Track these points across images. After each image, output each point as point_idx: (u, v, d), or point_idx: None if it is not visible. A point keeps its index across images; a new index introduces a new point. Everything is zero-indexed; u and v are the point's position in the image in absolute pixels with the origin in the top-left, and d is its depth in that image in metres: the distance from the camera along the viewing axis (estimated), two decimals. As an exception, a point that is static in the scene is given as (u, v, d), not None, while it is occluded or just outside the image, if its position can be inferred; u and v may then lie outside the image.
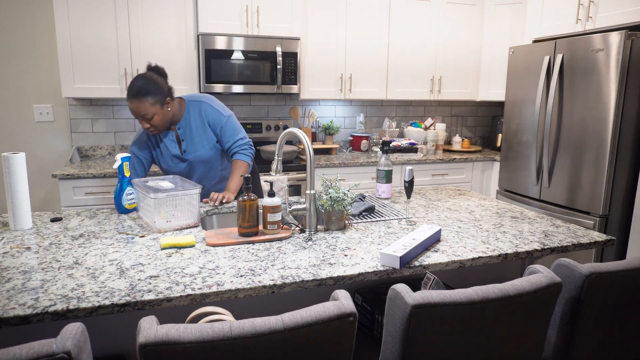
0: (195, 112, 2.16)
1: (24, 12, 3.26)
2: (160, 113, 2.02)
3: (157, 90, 1.99)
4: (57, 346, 0.81)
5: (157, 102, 2.00)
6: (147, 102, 1.97)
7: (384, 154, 2.20)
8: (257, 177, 2.50)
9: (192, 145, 2.16)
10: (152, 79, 2.01)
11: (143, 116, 1.99)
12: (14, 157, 1.68)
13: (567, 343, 1.30)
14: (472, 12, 3.98)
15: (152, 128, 2.04)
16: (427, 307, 1.03)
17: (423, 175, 3.77)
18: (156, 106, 2.00)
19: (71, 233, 1.68)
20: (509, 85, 3.45)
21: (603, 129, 2.74)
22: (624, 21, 2.78)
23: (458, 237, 1.67)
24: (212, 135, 2.17)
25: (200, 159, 2.18)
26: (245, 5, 3.30)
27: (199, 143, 2.16)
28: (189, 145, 2.16)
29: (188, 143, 2.16)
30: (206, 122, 2.16)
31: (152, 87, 1.98)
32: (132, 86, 1.97)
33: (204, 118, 2.16)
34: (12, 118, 3.35)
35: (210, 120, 2.16)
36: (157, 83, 2.01)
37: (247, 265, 1.39)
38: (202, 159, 2.18)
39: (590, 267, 1.24)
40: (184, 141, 2.16)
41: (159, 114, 2.01)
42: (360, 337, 1.57)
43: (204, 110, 2.16)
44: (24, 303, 1.13)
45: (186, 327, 0.89)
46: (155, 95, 1.99)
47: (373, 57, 3.76)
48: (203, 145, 2.16)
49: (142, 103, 1.96)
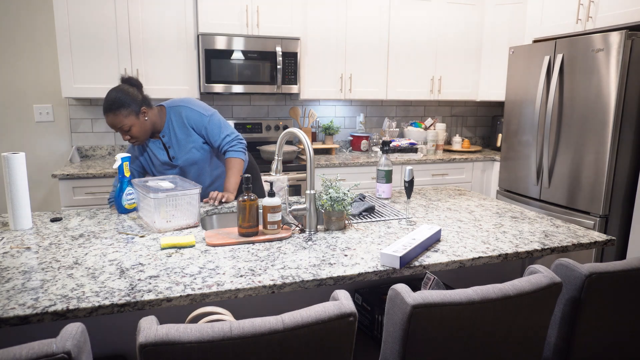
0: (176, 118, 2.16)
1: (24, 12, 3.26)
2: (137, 124, 2.02)
3: (130, 101, 2.00)
4: (57, 346, 0.81)
5: (131, 113, 2.00)
6: (120, 115, 1.98)
7: (384, 154, 2.20)
8: (258, 174, 2.50)
9: (179, 151, 2.17)
10: (124, 90, 2.01)
11: (120, 128, 2.00)
12: (14, 157, 1.68)
13: (567, 343, 1.30)
14: (472, 12, 3.98)
15: (133, 139, 2.05)
16: (427, 307, 1.03)
17: (423, 175, 3.77)
18: (131, 117, 2.00)
19: (71, 233, 1.68)
20: (509, 85, 3.45)
21: (603, 129, 2.74)
22: (624, 21, 2.78)
23: (458, 237, 1.67)
24: (197, 137, 2.17)
25: (189, 162, 2.19)
26: (245, 5, 3.30)
27: (185, 147, 2.16)
28: (177, 152, 2.17)
29: (175, 149, 2.17)
30: (189, 125, 2.16)
31: (125, 98, 1.99)
32: (106, 100, 1.98)
33: (185, 122, 2.15)
34: (12, 118, 3.35)
35: (192, 123, 2.16)
36: (130, 94, 2.01)
37: (247, 265, 1.39)
38: (191, 162, 2.19)
39: (590, 267, 1.24)
40: (170, 148, 2.16)
41: (136, 125, 2.02)
42: (360, 337, 1.57)
43: (184, 115, 2.16)
44: (24, 303, 1.13)
45: (186, 327, 0.89)
46: (128, 106, 1.99)
47: (373, 57, 3.76)
48: (190, 149, 2.17)
49: (117, 116, 1.97)
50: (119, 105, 1.97)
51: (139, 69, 3.19)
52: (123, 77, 2.11)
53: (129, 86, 2.06)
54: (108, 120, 1.99)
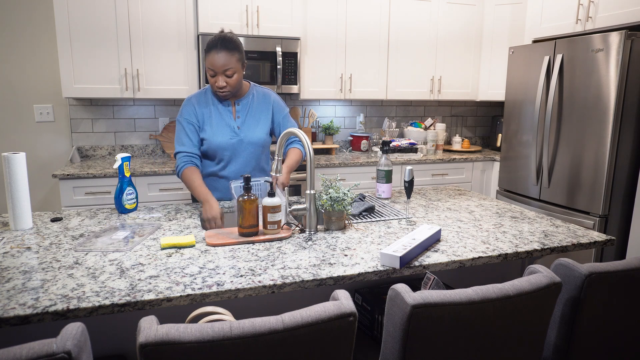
0: (260, 95, 2.15)
1: (24, 12, 3.26)
2: (239, 73, 2.00)
3: (242, 50, 2.00)
4: (57, 346, 0.81)
5: (240, 60, 1.99)
6: (234, 57, 1.95)
7: (384, 154, 2.20)
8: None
9: (246, 124, 2.11)
10: (238, 39, 2.00)
11: (225, 71, 1.95)
12: (14, 157, 1.68)
13: (567, 343, 1.30)
14: (472, 12, 3.99)
15: (228, 87, 1.99)
16: (427, 307, 1.03)
17: (423, 175, 3.77)
18: (239, 64, 1.99)
19: (71, 233, 1.68)
20: (508, 85, 3.45)
21: (603, 129, 2.74)
22: (624, 21, 2.78)
23: (458, 237, 1.67)
24: (269, 120, 2.15)
25: (250, 139, 2.10)
26: (245, 5, 3.30)
27: (254, 123, 2.12)
28: (243, 124, 2.10)
29: (243, 121, 2.10)
30: (271, 105, 2.15)
31: (240, 46, 1.99)
32: (221, 38, 1.94)
33: (270, 101, 2.15)
34: (12, 118, 3.35)
35: (275, 105, 2.16)
36: (242, 45, 2.01)
37: (247, 265, 1.39)
38: (252, 140, 2.11)
39: (590, 267, 1.24)
40: (239, 118, 2.10)
41: (238, 74, 2.00)
42: (360, 337, 1.57)
43: (272, 97, 2.17)
44: (24, 303, 1.13)
45: (186, 327, 0.89)
46: (240, 53, 1.98)
47: (373, 57, 3.76)
48: (257, 126, 2.12)
49: (231, 56, 1.94)
50: (236, 46, 1.96)
51: (139, 69, 3.19)
52: (223, 30, 2.02)
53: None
54: (218, 57, 1.92)
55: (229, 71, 1.95)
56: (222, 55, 1.92)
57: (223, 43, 1.93)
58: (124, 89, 3.19)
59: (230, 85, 1.98)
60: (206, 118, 2.08)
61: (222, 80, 1.97)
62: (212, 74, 1.97)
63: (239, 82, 2.02)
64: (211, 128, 2.07)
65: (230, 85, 1.99)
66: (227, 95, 2.03)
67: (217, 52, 1.92)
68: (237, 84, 2.00)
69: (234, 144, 2.08)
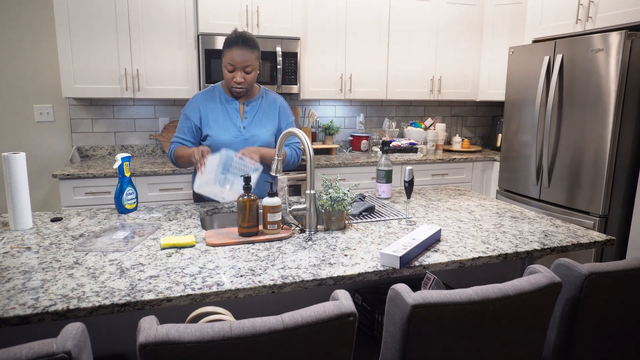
0: (269, 98, 2.18)
1: (25, 12, 3.26)
2: (256, 72, 2.05)
3: (259, 49, 2.04)
4: (57, 346, 0.81)
5: (258, 59, 2.04)
6: (254, 55, 2.00)
7: (384, 154, 2.20)
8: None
9: (252, 125, 2.13)
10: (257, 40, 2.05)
11: (245, 67, 2.00)
12: (14, 157, 1.68)
13: (567, 343, 1.30)
14: (472, 12, 3.99)
15: (244, 84, 2.03)
16: (427, 307, 1.03)
17: (423, 175, 3.77)
18: (257, 63, 2.03)
19: (71, 233, 1.68)
20: (508, 85, 3.45)
21: (603, 129, 2.74)
22: (624, 21, 2.78)
23: (458, 237, 1.67)
24: (275, 125, 2.17)
25: (255, 140, 2.11)
26: (245, 5, 3.30)
27: (260, 125, 2.14)
28: (250, 124, 2.12)
29: (249, 122, 2.12)
30: (278, 109, 2.18)
31: (259, 44, 2.04)
32: (243, 35, 1.98)
33: (278, 105, 2.18)
34: (12, 118, 3.35)
35: (282, 110, 2.19)
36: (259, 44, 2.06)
37: (247, 265, 1.39)
38: (257, 141, 2.11)
39: (590, 267, 1.24)
40: (246, 119, 2.12)
41: (255, 72, 2.04)
42: (360, 337, 1.57)
43: (280, 101, 2.20)
44: (24, 303, 1.13)
45: (186, 327, 0.89)
46: (259, 51, 2.04)
47: (373, 57, 3.76)
48: (263, 129, 2.13)
49: (252, 54, 1.99)
50: (256, 44, 2.01)
51: (139, 68, 3.19)
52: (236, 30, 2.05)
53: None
54: (239, 53, 1.97)
55: (249, 68, 2.00)
56: (244, 51, 1.97)
57: (245, 40, 1.97)
58: (124, 89, 3.19)
59: (248, 81, 2.03)
60: (211, 114, 2.10)
61: (241, 76, 2.01)
62: (231, 69, 2.01)
63: (254, 80, 2.07)
64: (217, 125, 2.09)
65: (247, 82, 2.03)
66: (241, 92, 2.06)
67: (240, 48, 1.96)
68: (253, 82, 2.06)
69: (238, 143, 2.10)
